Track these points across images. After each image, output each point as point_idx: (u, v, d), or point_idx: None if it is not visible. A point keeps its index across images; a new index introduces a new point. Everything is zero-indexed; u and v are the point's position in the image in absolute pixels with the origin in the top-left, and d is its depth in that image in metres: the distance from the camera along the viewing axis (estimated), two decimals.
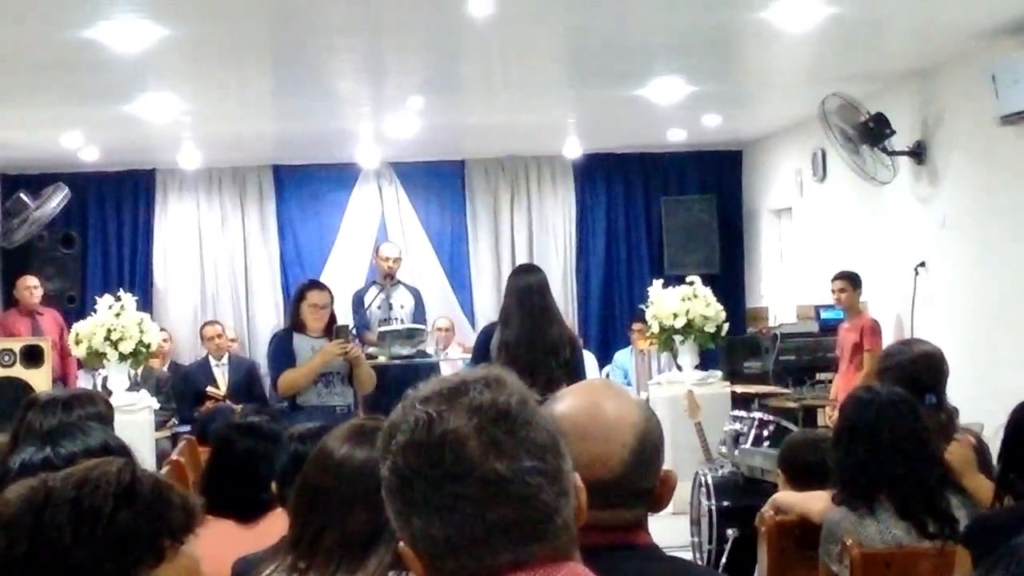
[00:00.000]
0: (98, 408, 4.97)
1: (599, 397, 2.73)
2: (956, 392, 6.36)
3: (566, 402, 2.73)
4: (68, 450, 3.76)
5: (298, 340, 9.14)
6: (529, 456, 1.97)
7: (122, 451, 3.91)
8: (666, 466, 2.77)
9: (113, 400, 9.10)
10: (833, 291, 11.99)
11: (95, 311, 11.35)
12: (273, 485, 4.35)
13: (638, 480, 2.66)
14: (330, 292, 9.49)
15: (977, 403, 9.15)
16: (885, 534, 4.89)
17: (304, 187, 16.64)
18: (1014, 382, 9.83)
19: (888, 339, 11.07)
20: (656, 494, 2.72)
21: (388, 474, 2.00)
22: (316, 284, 9.72)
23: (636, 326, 14.65)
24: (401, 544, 2.02)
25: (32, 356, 12.01)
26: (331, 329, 9.21)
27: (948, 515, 4.91)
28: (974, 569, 3.64)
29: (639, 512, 2.70)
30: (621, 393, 2.83)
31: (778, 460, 6.17)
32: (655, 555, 2.73)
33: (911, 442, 4.96)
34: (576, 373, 8.49)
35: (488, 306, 15.80)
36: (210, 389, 14.08)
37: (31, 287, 14.40)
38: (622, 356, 15.44)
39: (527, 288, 8.73)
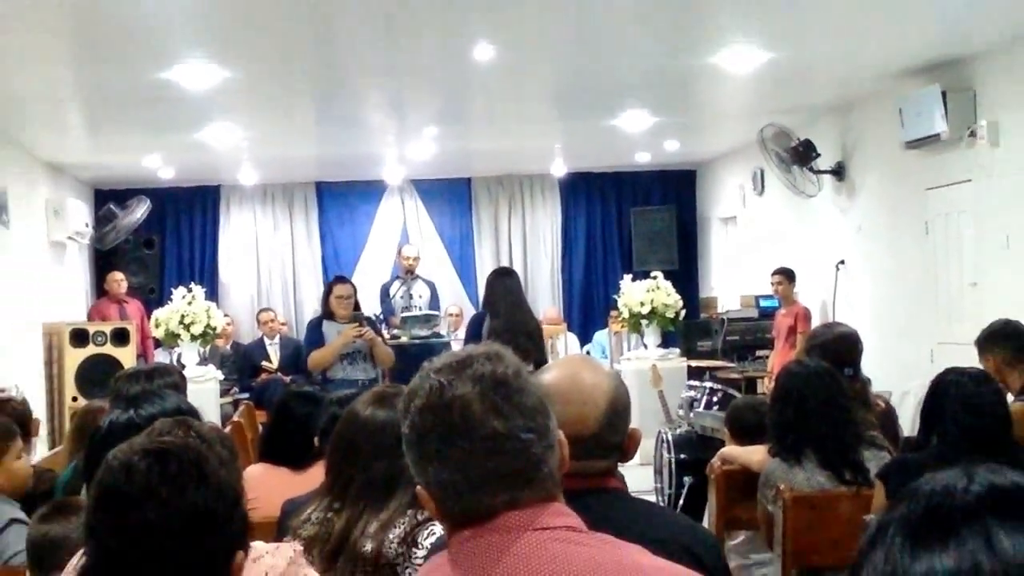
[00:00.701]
0: (174, 378, 4.98)
1: (578, 369, 2.73)
2: (869, 366, 6.36)
3: (552, 373, 2.73)
4: (148, 412, 3.77)
5: (327, 326, 9.30)
6: (522, 417, 1.97)
7: (192, 413, 3.91)
8: (633, 425, 2.77)
9: (186, 372, 9.13)
10: (771, 284, 11.99)
11: (171, 300, 11.35)
12: (316, 440, 4.37)
13: (609, 436, 2.66)
14: (352, 285, 9.61)
15: (886, 375, 9.18)
16: (811, 480, 4.89)
17: (341, 200, 16.63)
18: (916, 358, 9.86)
19: (815, 323, 11.08)
20: (624, 447, 2.71)
21: (408, 431, 2.00)
22: (340, 279, 9.82)
23: (613, 313, 14.68)
24: (418, 487, 2.02)
25: (120, 337, 11.99)
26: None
27: (861, 466, 4.92)
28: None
29: (611, 462, 2.69)
30: (596, 366, 2.82)
31: (725, 420, 6.16)
32: (624, 497, 2.73)
33: (832, 407, 4.96)
34: (542, 351, 9.41)
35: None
36: (264, 364, 14.07)
37: (118, 280, 14.42)
38: (601, 335, 15.46)
39: (510, 287, 9.35)
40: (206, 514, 2.18)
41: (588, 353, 14.71)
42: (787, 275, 11.86)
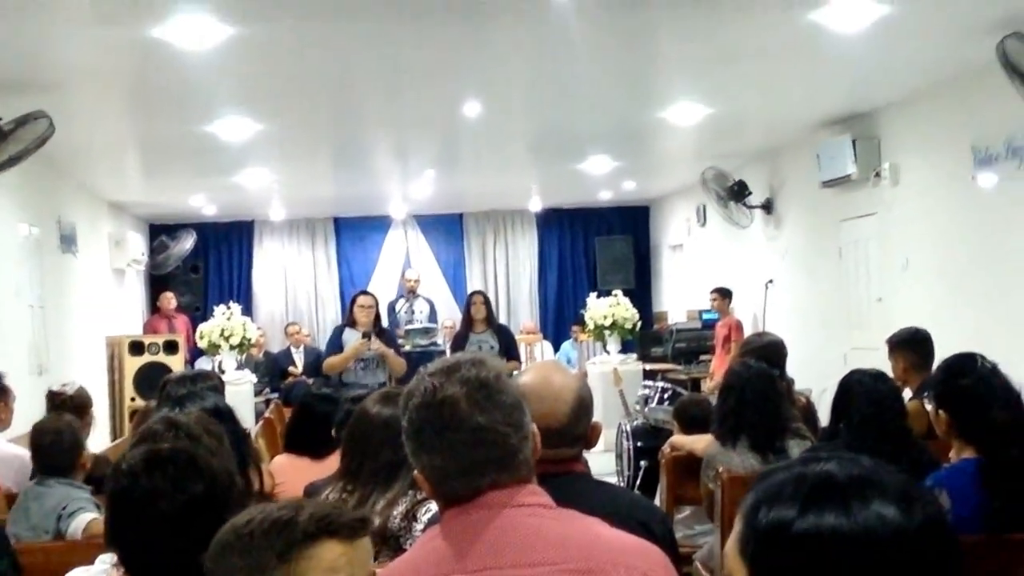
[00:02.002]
0: (214, 382, 4.94)
1: (549, 372, 2.71)
2: (793, 368, 6.37)
3: (527, 376, 2.72)
4: (190, 410, 3.74)
5: (348, 333, 8.89)
6: (501, 413, 1.97)
7: (228, 411, 3.89)
8: (596, 418, 2.76)
9: (225, 377, 9.13)
10: (710, 300, 12.01)
11: (213, 316, 11.30)
12: (333, 431, 4.34)
13: (576, 428, 2.64)
14: (374, 297, 9.22)
15: (806, 376, 9.18)
16: (744, 463, 4.88)
17: (354, 232, 16.60)
18: (831, 361, 9.86)
19: (748, 332, 11.08)
20: (588, 437, 2.70)
21: (406, 425, 2.00)
22: (364, 292, 9.45)
23: (575, 327, 14.78)
24: (416, 472, 2.02)
25: (171, 347, 11.99)
26: (376, 324, 8.98)
27: (785, 451, 4.92)
28: None
29: (577, 450, 2.68)
30: (564, 370, 2.81)
31: (674, 414, 6.16)
32: (588, 479, 2.72)
33: (766, 400, 4.96)
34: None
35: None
36: (291, 369, 14.07)
37: (169, 299, 14.44)
38: (566, 346, 15.46)
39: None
40: (207, 499, 2.22)
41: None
42: (722, 293, 11.88)
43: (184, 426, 2.73)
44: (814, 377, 9.43)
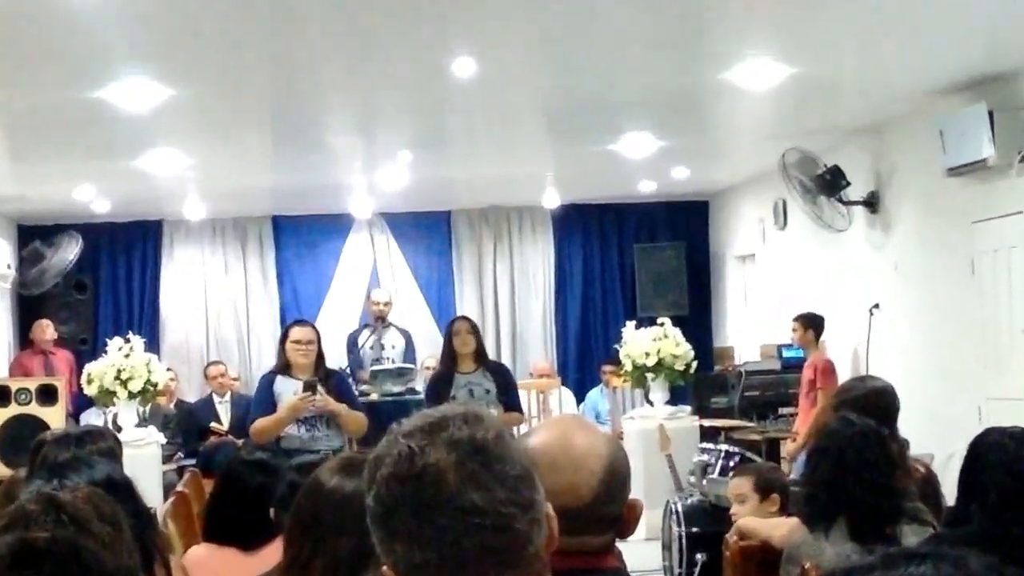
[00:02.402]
0: (108, 443, 4.96)
1: (569, 431, 2.72)
2: (907, 425, 6.37)
3: (539, 435, 2.73)
4: (74, 482, 3.74)
5: (282, 383, 8.75)
6: (504, 488, 1.96)
7: (125, 484, 3.89)
8: (638, 495, 2.76)
9: (123, 436, 9.06)
10: (792, 331, 12.02)
11: (106, 352, 11.31)
12: (272, 511, 4.35)
13: (605, 508, 2.65)
14: (314, 328, 9.13)
15: (926, 436, 9.17)
16: (841, 556, 4.88)
17: (301, 236, 16.65)
18: (961, 416, 9.85)
19: (845, 375, 11.06)
20: (623, 520, 2.70)
21: (373, 503, 2.00)
22: (299, 321, 9.41)
23: (606, 367, 14.75)
24: (384, 568, 2.01)
25: (47, 395, 11.85)
26: (320, 368, 8.85)
27: (897, 540, 4.91)
28: None
29: (607, 538, 2.68)
30: (590, 427, 2.82)
31: (751, 477, 6.19)
32: None
33: (873, 470, 4.96)
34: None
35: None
36: (213, 425, 14.08)
37: (44, 327, 14.45)
38: (594, 395, 15.45)
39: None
40: None
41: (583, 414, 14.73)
42: (807, 322, 11.82)
43: (68, 507, 2.69)
44: (937, 438, 9.41)
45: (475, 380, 9.63)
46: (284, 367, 8.87)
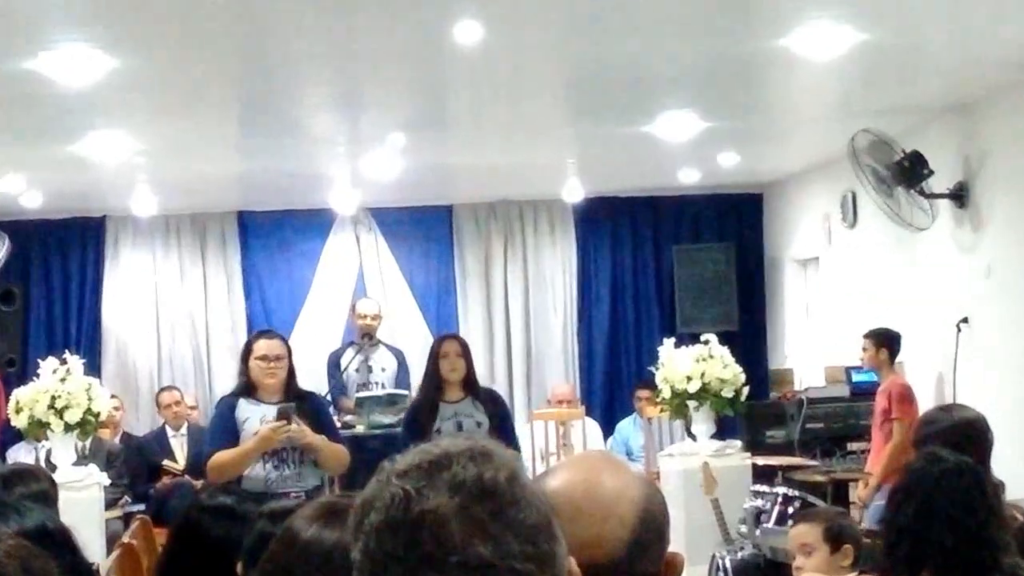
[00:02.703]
0: (41, 486, 4.98)
1: (596, 471, 2.71)
2: (1000, 464, 6.36)
3: (559, 476, 2.71)
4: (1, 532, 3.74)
5: (245, 408, 8.64)
6: (517, 539, 1.96)
7: (61, 533, 3.90)
8: (674, 547, 2.77)
9: (57, 476, 9.10)
10: (861, 351, 12.00)
11: (38, 376, 11.32)
12: (239, 566, 4.34)
13: (638, 564, 2.64)
14: (284, 341, 9.05)
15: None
16: None
17: (272, 236, 16.69)
18: None
19: (928, 403, 11.05)
20: None
21: (360, 556, 2.00)
22: (264, 333, 9.34)
23: (641, 392, 14.75)
24: None
25: None
26: (291, 389, 8.76)
27: None
28: None
29: None
30: (620, 466, 2.81)
31: (819, 526, 6.20)
32: None
33: (967, 516, 4.95)
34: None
35: (478, 369, 15.08)
36: (166, 463, 14.08)
37: None
38: (625, 426, 15.43)
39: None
40: None
41: (611, 450, 14.74)
42: (878, 339, 11.79)
43: None
44: None
45: (464, 410, 9.67)
46: (247, 388, 8.78)
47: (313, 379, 12.50)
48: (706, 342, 12.12)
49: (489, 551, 1.94)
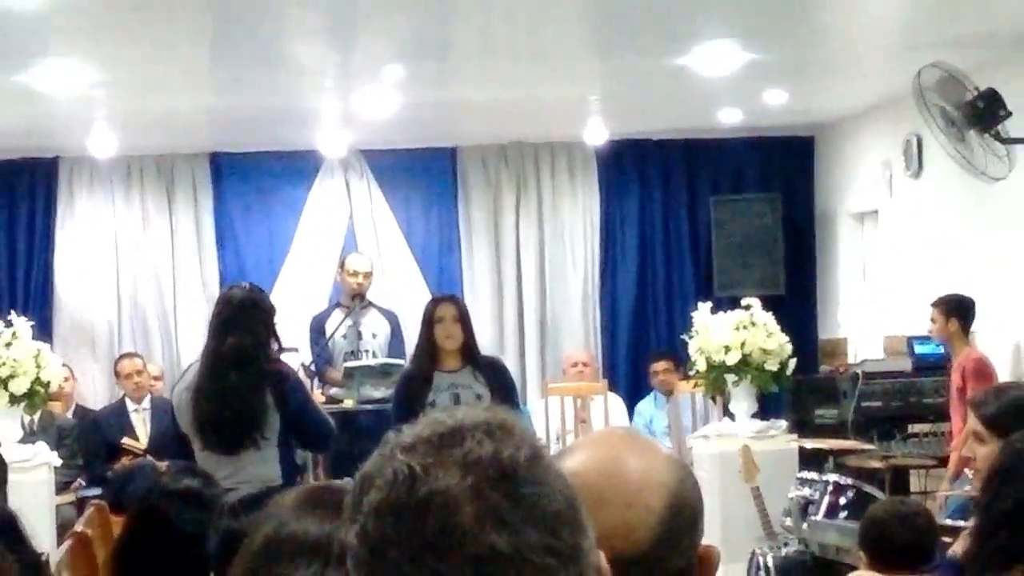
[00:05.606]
0: None
1: (620, 451, 2.71)
2: None
3: (576, 456, 2.70)
4: None
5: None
6: (537, 528, 1.97)
7: (6, 519, 3.93)
8: (713, 541, 2.79)
9: (1, 454, 9.15)
10: (930, 320, 12.00)
11: None
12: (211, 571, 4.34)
13: (668, 557, 2.64)
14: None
15: None
16: None
17: (250, 181, 16.70)
18: None
19: (1005, 378, 11.09)
20: (692, 575, 2.71)
21: (355, 541, 2.00)
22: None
23: (657, 365, 14.85)
24: None
25: None
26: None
27: None
28: None
29: None
30: (648, 445, 2.81)
31: (859, 538, 6.21)
32: None
33: None
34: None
35: (486, 337, 15.29)
36: (126, 441, 14.10)
37: None
38: (646, 407, 15.41)
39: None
40: None
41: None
42: (948, 307, 11.78)
43: None
44: None
45: (462, 381, 9.77)
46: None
47: (294, 345, 12.51)
48: (747, 307, 12.13)
49: (504, 541, 1.95)
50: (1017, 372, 11.84)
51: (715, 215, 16.72)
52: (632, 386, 16.27)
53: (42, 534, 8.83)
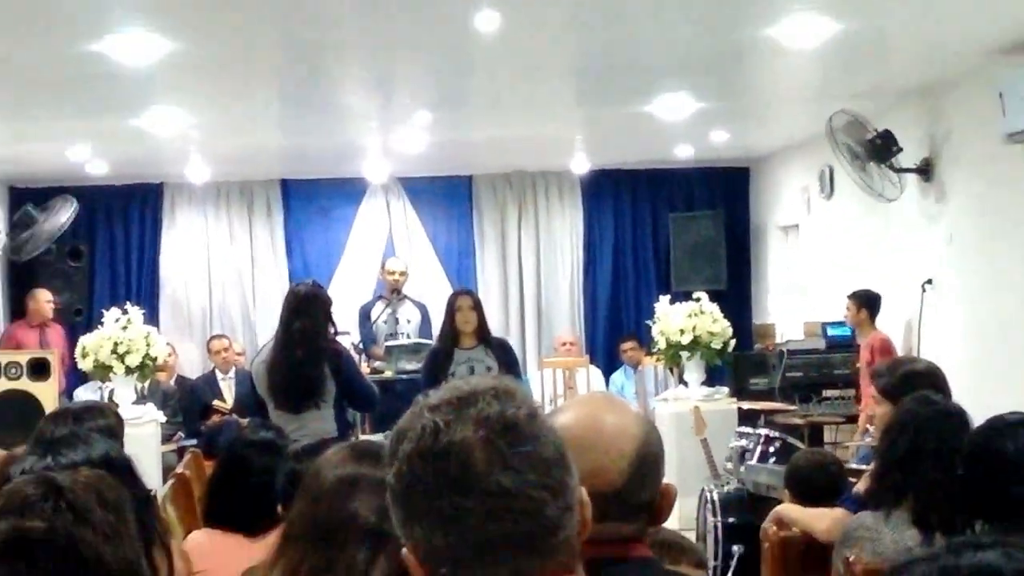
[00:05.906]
0: (108, 420, 4.97)
1: (599, 410, 2.73)
2: None
3: (566, 414, 2.73)
4: (69, 459, 3.71)
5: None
6: (534, 470, 1.98)
7: (123, 463, 3.90)
8: (671, 481, 2.77)
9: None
10: (845, 310, 12.02)
11: (102, 324, 11.34)
12: (279, 508, 4.26)
13: (637, 493, 2.66)
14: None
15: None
16: (898, 543, 4.88)
17: (312, 201, 16.65)
18: (1017, 404, 9.81)
19: (901, 351, 11.05)
20: (655, 508, 2.71)
21: (393, 480, 2.01)
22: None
23: (625, 345, 14.90)
24: (404, 550, 2.03)
25: (39, 369, 11.71)
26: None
27: (957, 533, 4.88)
28: None
29: (638, 525, 2.69)
30: (621, 406, 2.84)
31: (785, 479, 6.18)
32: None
33: (951, 456, 4.95)
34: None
35: (495, 321, 15.28)
36: (216, 403, 14.09)
37: (45, 301, 14.45)
38: (618, 377, 15.50)
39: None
40: None
41: None
42: (860, 300, 11.84)
43: (68, 494, 2.53)
44: None
45: (476, 356, 9.84)
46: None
47: (345, 326, 12.49)
48: (698, 299, 12.13)
49: (509, 480, 1.96)
50: (906, 350, 11.80)
51: (672, 228, 16.66)
52: (608, 361, 16.20)
53: (151, 475, 8.82)
